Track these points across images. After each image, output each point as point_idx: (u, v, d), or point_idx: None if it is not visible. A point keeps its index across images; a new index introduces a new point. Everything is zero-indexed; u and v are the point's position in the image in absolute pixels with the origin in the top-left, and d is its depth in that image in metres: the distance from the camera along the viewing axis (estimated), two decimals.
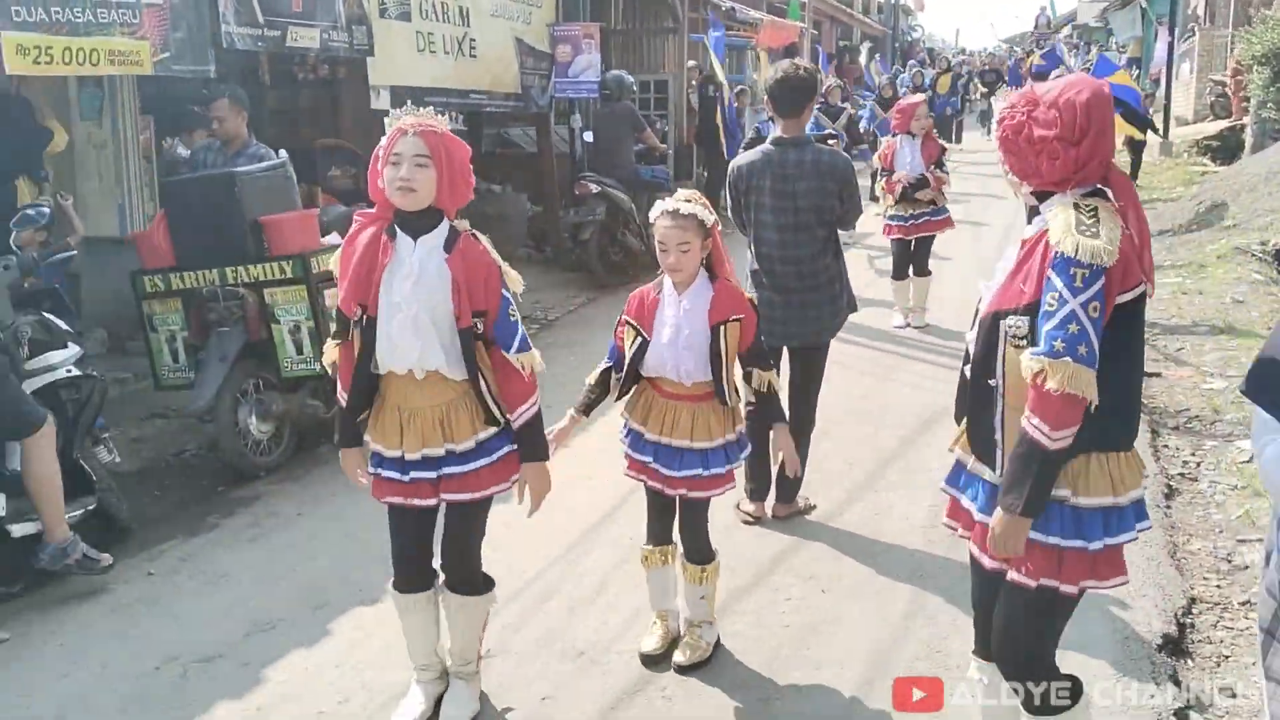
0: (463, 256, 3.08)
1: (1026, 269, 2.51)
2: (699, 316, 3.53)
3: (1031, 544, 2.53)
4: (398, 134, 3.04)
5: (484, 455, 3.20)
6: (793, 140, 4.79)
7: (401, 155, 3.01)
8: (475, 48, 9.57)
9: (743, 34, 19.10)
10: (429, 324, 3.06)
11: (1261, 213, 12.26)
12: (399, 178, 3.00)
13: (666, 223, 3.48)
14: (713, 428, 3.61)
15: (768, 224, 4.76)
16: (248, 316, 5.56)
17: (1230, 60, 21.99)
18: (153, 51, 6.28)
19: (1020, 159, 2.55)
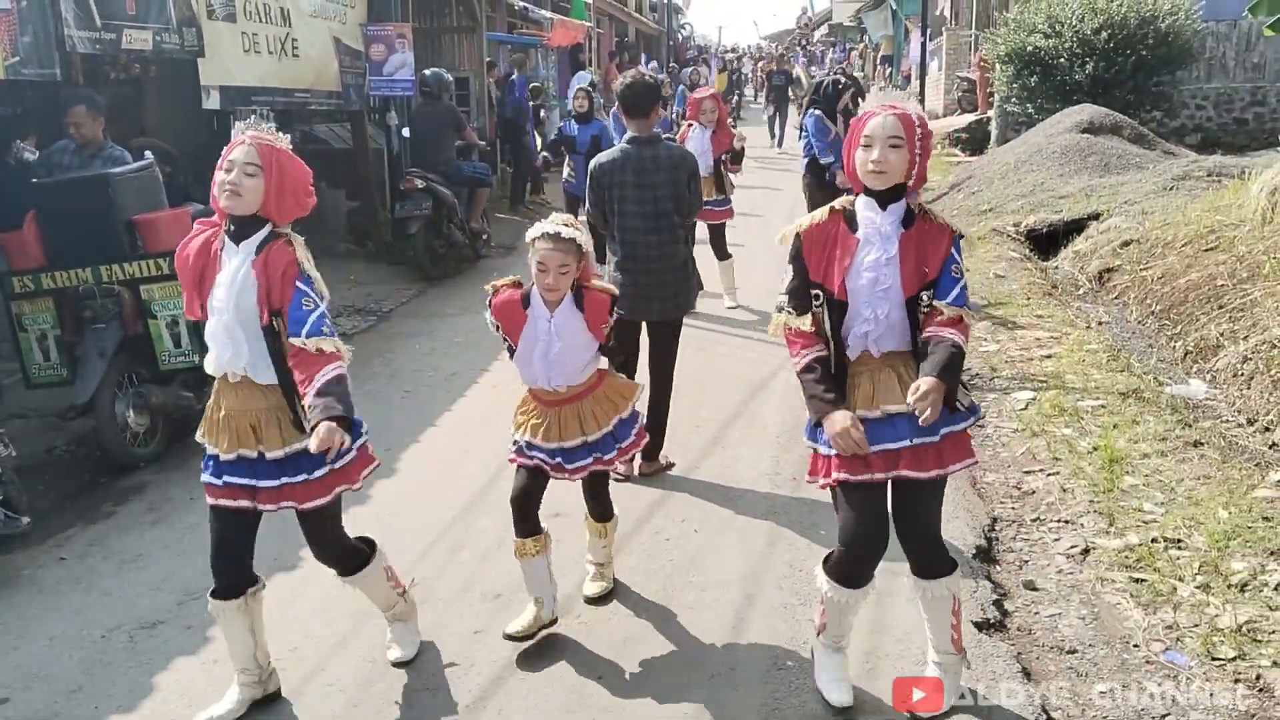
0: (266, 258, 3.22)
1: (920, 255, 3.25)
2: (571, 332, 3.79)
3: (946, 435, 3.34)
4: (236, 143, 3.24)
5: (300, 471, 3.33)
6: (647, 139, 5.45)
7: (234, 162, 3.21)
8: (297, 47, 9.76)
9: (533, 33, 19.61)
10: (238, 328, 3.21)
11: (1013, 197, 13.78)
12: (227, 181, 3.20)
13: (547, 245, 3.65)
14: (599, 417, 3.91)
15: (631, 213, 5.37)
16: (124, 313, 5.74)
17: (975, 57, 24.07)
18: (4, 56, 6.32)
19: (912, 162, 3.24)
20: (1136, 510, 5.04)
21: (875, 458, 3.31)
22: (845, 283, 3.27)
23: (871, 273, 3.26)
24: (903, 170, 3.22)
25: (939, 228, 3.30)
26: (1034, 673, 3.82)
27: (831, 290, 3.28)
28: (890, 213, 3.28)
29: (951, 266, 3.27)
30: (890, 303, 3.25)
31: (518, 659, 3.92)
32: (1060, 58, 17.79)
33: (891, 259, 3.23)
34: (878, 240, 3.27)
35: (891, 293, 3.24)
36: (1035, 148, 15.51)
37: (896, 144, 3.20)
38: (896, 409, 3.28)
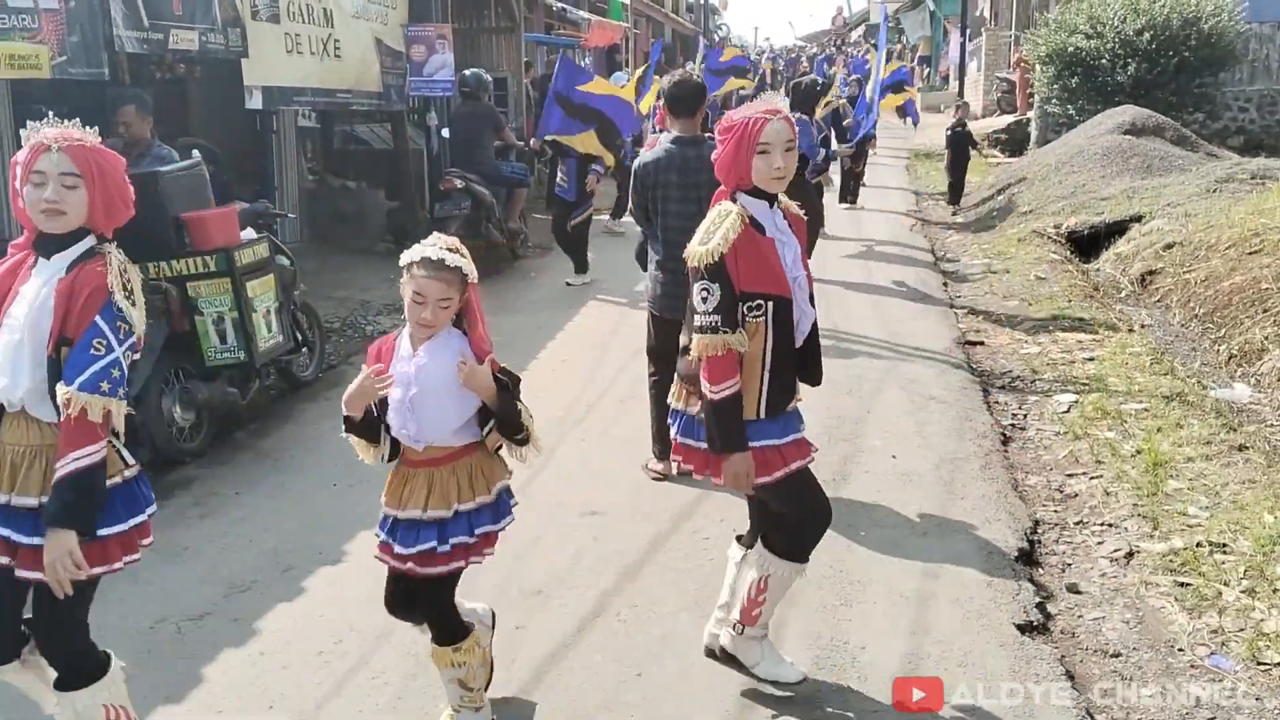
0: (74, 279, 2.74)
1: (802, 245, 3.50)
2: (434, 375, 3.12)
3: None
4: (40, 149, 2.71)
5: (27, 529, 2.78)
6: (691, 138, 5.46)
7: (46, 174, 2.70)
8: (340, 48, 9.85)
9: (570, 33, 19.68)
10: (25, 353, 2.74)
11: (1054, 199, 13.68)
12: (44, 199, 2.70)
13: (424, 273, 3.03)
14: (449, 493, 3.18)
15: (675, 213, 5.38)
16: (171, 309, 5.82)
17: (1015, 58, 23.93)
18: (51, 55, 6.43)
19: (794, 165, 3.37)
20: (1181, 514, 5.00)
21: (791, 447, 3.46)
22: (788, 282, 3.38)
23: (796, 272, 3.41)
24: (793, 171, 3.36)
25: (795, 213, 3.55)
26: (1078, 675, 3.80)
27: (780, 293, 3.34)
28: (775, 210, 3.45)
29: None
30: (806, 295, 3.46)
31: (558, 656, 3.94)
32: (1102, 59, 17.66)
33: (799, 254, 3.45)
34: (785, 238, 3.42)
35: (806, 286, 3.46)
36: (1076, 149, 15.39)
37: (790, 147, 3.32)
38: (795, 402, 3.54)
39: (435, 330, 3.11)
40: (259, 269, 6.07)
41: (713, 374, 3.30)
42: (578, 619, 4.19)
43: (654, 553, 4.75)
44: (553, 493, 5.40)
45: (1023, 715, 3.53)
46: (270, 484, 5.64)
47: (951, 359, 7.72)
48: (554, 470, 5.70)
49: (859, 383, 7.05)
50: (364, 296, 9.72)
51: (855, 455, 5.83)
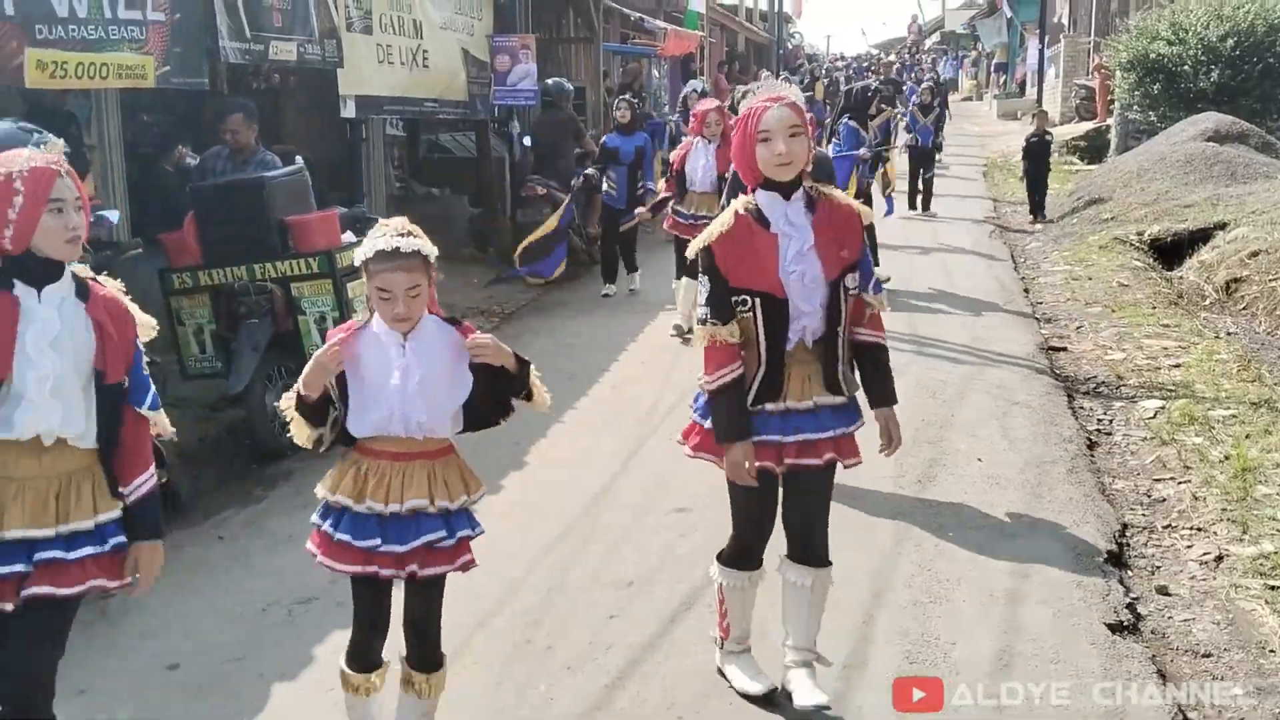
0: (104, 304, 2.77)
1: (836, 238, 3.34)
2: (436, 360, 2.98)
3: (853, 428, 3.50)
4: (52, 175, 2.64)
5: (95, 542, 2.75)
6: None
7: (63, 201, 2.65)
8: (428, 58, 10.11)
9: (646, 43, 19.86)
10: (74, 385, 2.70)
11: (1135, 206, 13.53)
12: (69, 228, 2.66)
13: (386, 266, 2.86)
14: (452, 487, 3.06)
15: None
16: (275, 309, 6.06)
17: (1094, 64, 23.64)
18: (155, 66, 6.72)
19: (809, 147, 3.32)
20: (1271, 519, 4.99)
21: (791, 446, 3.40)
22: (780, 279, 3.29)
23: (798, 266, 3.29)
24: (804, 157, 3.28)
25: (842, 206, 3.41)
26: (1169, 675, 3.83)
27: (769, 291, 3.29)
28: (795, 201, 3.34)
29: (866, 249, 3.45)
30: (820, 291, 3.32)
31: (652, 645, 4.06)
32: (1184, 65, 17.41)
33: (812, 246, 3.30)
34: (794, 232, 3.31)
35: (819, 282, 3.31)
36: (1158, 156, 15.18)
37: (796, 132, 3.24)
38: (826, 401, 3.42)
39: (413, 322, 2.94)
40: (358, 271, 6.27)
41: (708, 364, 3.38)
42: (670, 610, 4.30)
43: None
44: (640, 490, 5.54)
45: (1115, 714, 3.57)
46: None
47: (1035, 364, 7.72)
48: (641, 469, 5.83)
49: (943, 387, 7.09)
50: (449, 300, 9.91)
51: (940, 458, 5.88)
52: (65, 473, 2.74)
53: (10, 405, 2.65)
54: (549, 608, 4.37)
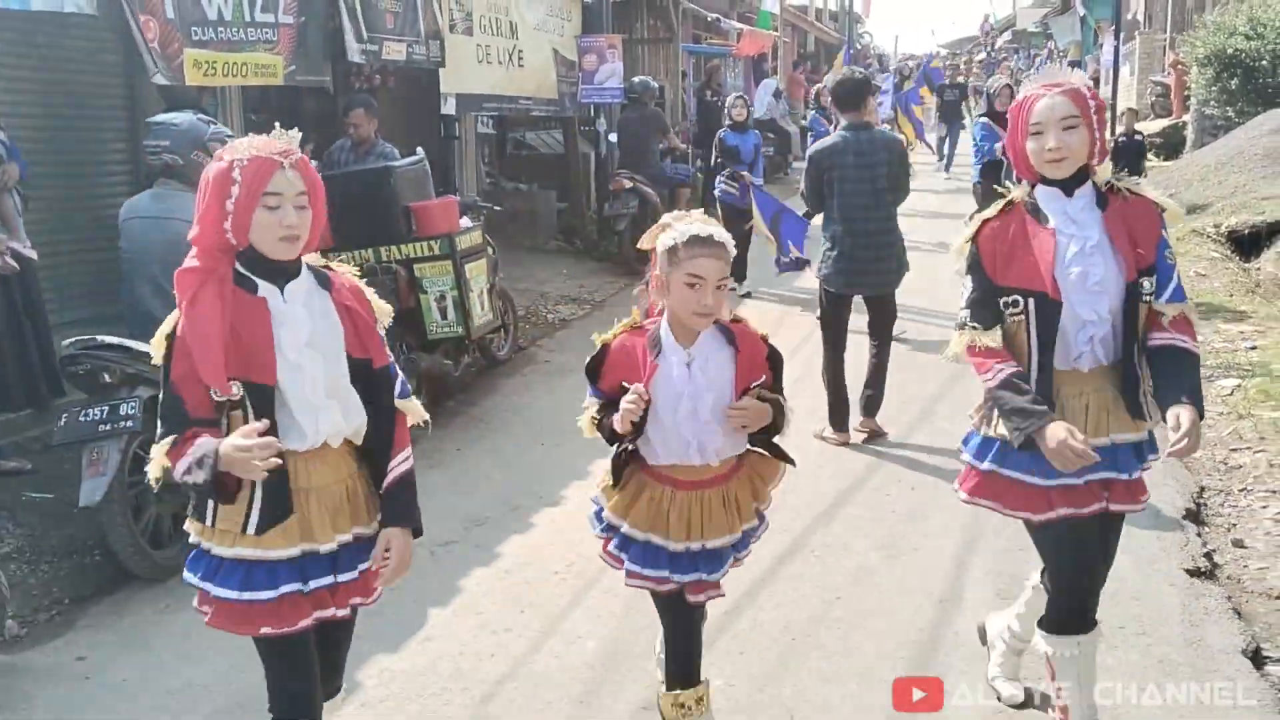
0: (348, 293, 2.66)
1: (1130, 236, 2.89)
2: (721, 378, 2.87)
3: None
4: (271, 167, 2.45)
5: (366, 552, 2.65)
6: (860, 124, 6.06)
7: (281, 196, 2.46)
8: (523, 58, 10.61)
9: (721, 43, 20.26)
10: (342, 380, 2.58)
11: (1213, 199, 13.62)
12: (285, 225, 2.47)
13: (701, 251, 2.74)
14: (743, 507, 2.99)
15: (852, 193, 5.94)
16: (399, 288, 6.54)
17: (1169, 60, 23.54)
18: (284, 65, 7.26)
19: (1093, 139, 2.88)
20: None
21: (1098, 487, 2.95)
22: (1056, 278, 2.88)
23: (1078, 266, 2.88)
24: (1084, 152, 2.88)
25: (1141, 202, 2.95)
26: (1244, 614, 4.14)
27: (1042, 290, 2.88)
28: (1079, 197, 2.94)
29: (1165, 251, 2.93)
30: (1109, 296, 2.88)
31: (765, 581, 4.44)
32: (1262, 60, 17.36)
33: (1096, 245, 2.88)
34: (1073, 229, 2.91)
35: (1108, 284, 2.87)
36: (1236, 149, 15.23)
37: (1071, 125, 2.84)
38: (1126, 437, 2.97)
39: (714, 317, 2.82)
40: (475, 253, 6.77)
41: (979, 367, 3.01)
42: (777, 555, 4.69)
43: (840, 505, 5.23)
44: None
45: (1195, 641, 3.90)
46: (487, 443, 6.33)
47: None
48: None
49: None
50: (542, 289, 10.42)
51: None
52: (351, 474, 2.66)
53: (290, 413, 2.53)
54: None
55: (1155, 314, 2.93)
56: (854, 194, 5.95)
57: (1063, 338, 2.92)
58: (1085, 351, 2.93)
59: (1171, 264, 2.95)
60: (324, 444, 2.57)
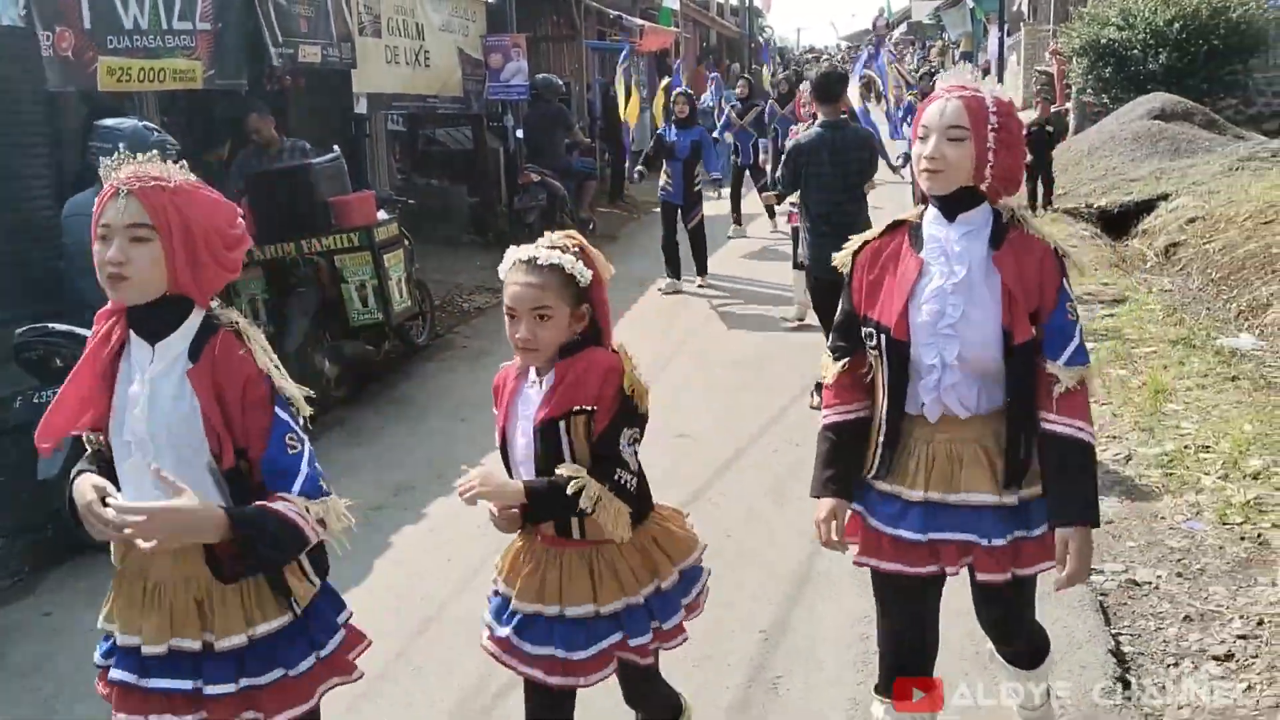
0: (214, 367, 2.16)
1: (1018, 285, 2.52)
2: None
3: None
4: (107, 195, 2.14)
5: (277, 664, 2.26)
6: (836, 122, 6.58)
7: (111, 227, 2.12)
8: (429, 58, 11.01)
9: (623, 39, 20.78)
10: (173, 469, 2.11)
11: (1086, 181, 14.60)
12: (107, 259, 2.11)
13: (515, 279, 2.45)
14: (633, 572, 2.57)
15: (828, 186, 6.43)
16: (321, 279, 6.96)
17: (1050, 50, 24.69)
18: (202, 70, 7.60)
19: (982, 157, 2.53)
20: (1175, 427, 5.96)
21: (948, 549, 2.68)
22: (907, 316, 2.60)
23: (934, 304, 2.57)
24: (967, 170, 2.53)
25: (1035, 242, 2.57)
26: None
27: (887, 326, 2.61)
28: (961, 225, 2.59)
29: (1066, 304, 2.56)
30: (965, 344, 2.55)
31: None
32: (1134, 49, 18.45)
33: (961, 284, 2.55)
34: (942, 261, 2.59)
35: (965, 330, 2.55)
36: (1109, 134, 16.27)
37: (957, 136, 2.51)
38: (984, 500, 2.62)
39: (541, 354, 2.47)
40: (392, 244, 7.21)
41: (825, 395, 2.85)
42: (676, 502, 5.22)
43: (736, 459, 5.81)
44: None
45: None
46: (409, 420, 6.79)
47: None
48: None
49: None
50: (456, 279, 10.86)
51: None
52: (209, 579, 2.22)
53: (123, 483, 2.21)
54: None
55: (1050, 377, 2.55)
56: (828, 188, 6.44)
57: (912, 381, 2.65)
58: (930, 400, 2.62)
59: (1074, 320, 2.57)
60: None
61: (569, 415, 2.46)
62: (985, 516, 2.62)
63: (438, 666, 3.96)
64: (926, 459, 2.67)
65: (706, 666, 3.88)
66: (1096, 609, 4.13)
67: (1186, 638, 3.96)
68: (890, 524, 2.71)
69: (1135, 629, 4.05)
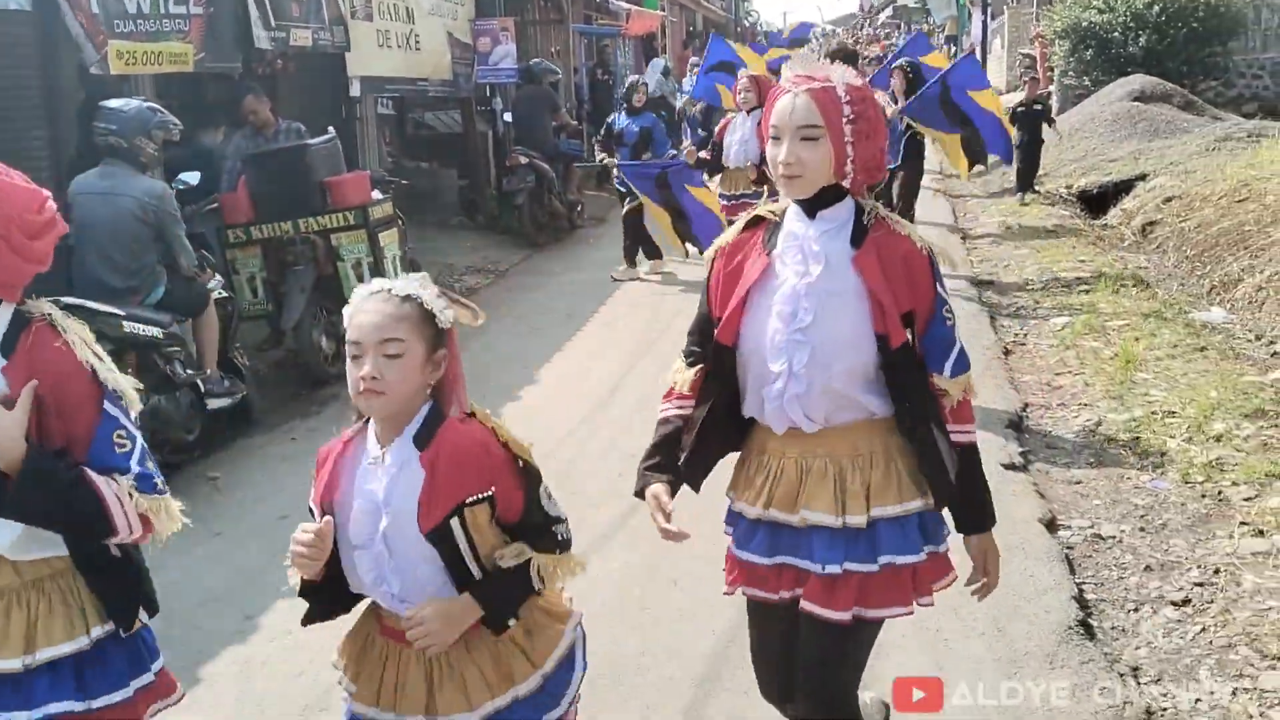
0: (29, 360, 2.03)
1: (886, 287, 2.30)
2: (406, 496, 2.09)
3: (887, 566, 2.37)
4: None
5: (100, 688, 2.12)
6: None
7: None
8: (419, 42, 11.18)
9: (610, 23, 20.92)
10: None
11: (1066, 162, 14.83)
12: None
13: (357, 309, 2.12)
14: (471, 688, 2.15)
15: None
16: (317, 257, 7.13)
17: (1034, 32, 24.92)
18: (194, 53, 7.76)
19: (841, 154, 2.30)
20: (1144, 394, 6.20)
21: (783, 572, 2.45)
22: (739, 320, 2.39)
23: (786, 306, 2.33)
24: (827, 169, 2.30)
25: (901, 240, 2.35)
26: (1046, 495, 5.04)
27: (719, 333, 2.42)
28: (821, 222, 2.37)
29: (943, 309, 2.37)
30: (818, 350, 2.30)
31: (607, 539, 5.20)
32: (1114, 31, 18.69)
33: (815, 286, 2.32)
34: (798, 260, 2.36)
35: (818, 335, 2.30)
36: (1089, 116, 16.50)
37: (811, 135, 2.27)
38: (822, 519, 2.36)
39: (389, 402, 2.08)
40: (387, 223, 7.39)
41: (666, 392, 2.61)
42: None
43: None
44: (635, 393, 6.65)
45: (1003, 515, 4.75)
46: None
47: (965, 295, 8.91)
48: (634, 380, 6.97)
49: None
50: (447, 260, 11.03)
51: None
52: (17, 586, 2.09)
53: None
54: (573, 469, 5.52)
55: (938, 392, 2.39)
56: None
57: (752, 390, 2.41)
58: (772, 410, 2.36)
59: (951, 325, 2.38)
60: None
61: (461, 510, 2.07)
62: (821, 539, 2.37)
63: None
64: (774, 474, 2.43)
65: (685, 624, 4.09)
66: (1062, 560, 4.36)
67: (1146, 585, 4.21)
68: (740, 545, 2.53)
69: (1099, 578, 4.30)
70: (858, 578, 2.36)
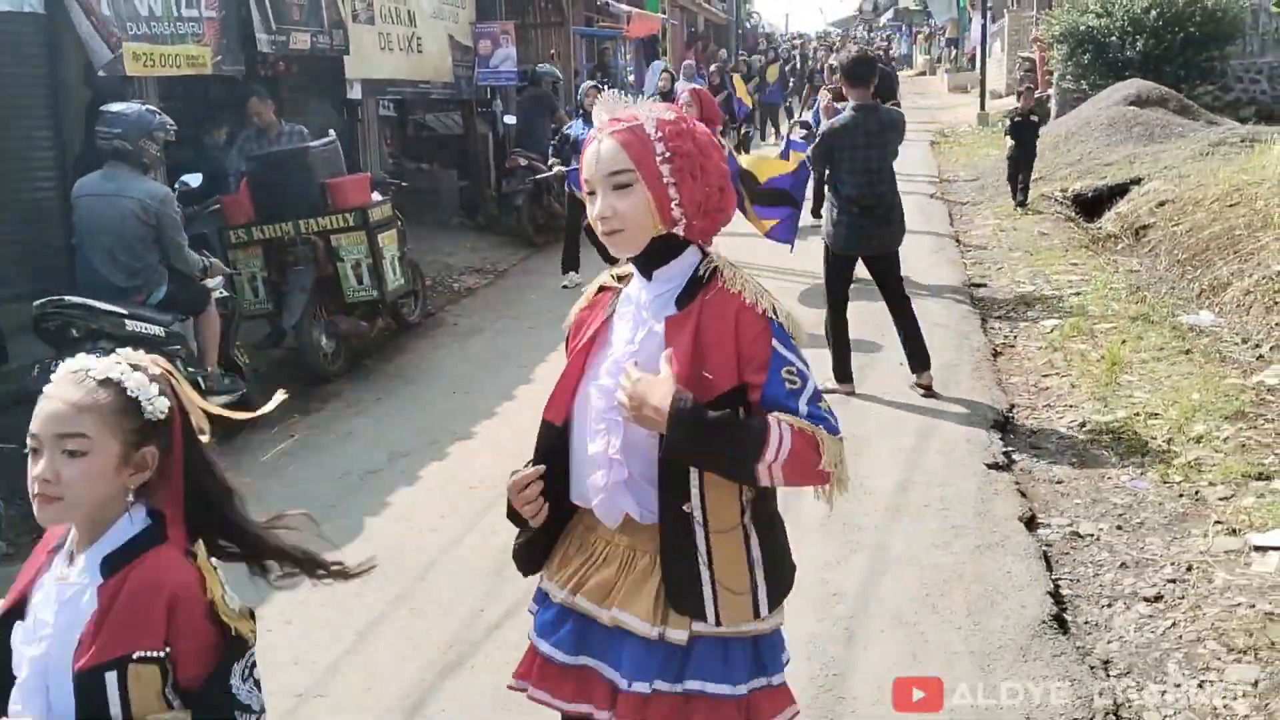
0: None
1: (706, 353, 2.01)
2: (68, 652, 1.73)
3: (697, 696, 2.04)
4: None
5: None
6: (869, 106, 6.69)
7: None
8: (421, 44, 11.31)
9: (611, 26, 21.05)
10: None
11: (1062, 166, 14.93)
12: None
13: (51, 394, 1.75)
14: None
15: (861, 170, 6.56)
16: (318, 257, 7.25)
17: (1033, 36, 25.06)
18: (211, 55, 7.89)
19: (663, 198, 2.03)
20: (1128, 396, 6.32)
21: (587, 680, 2.13)
22: (567, 397, 2.16)
23: (609, 380, 2.06)
24: (648, 219, 2.04)
25: (734, 304, 2.04)
26: (1028, 494, 5.15)
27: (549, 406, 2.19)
28: (659, 282, 2.12)
29: (782, 370, 2.00)
30: (630, 432, 2.02)
31: None
32: (1112, 36, 18.80)
33: (634, 354, 2.07)
34: (630, 329, 2.13)
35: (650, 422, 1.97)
36: (1085, 120, 16.61)
37: (623, 182, 2.02)
38: (635, 625, 2.05)
39: (64, 505, 1.73)
40: (386, 224, 7.51)
41: None
42: None
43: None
44: None
45: (984, 513, 4.88)
46: (404, 392, 7.11)
47: (957, 297, 9.04)
48: None
49: (877, 314, 8.38)
50: (447, 261, 11.16)
51: (872, 363, 7.19)
52: None
53: None
54: None
55: None
56: (863, 170, 6.55)
57: (577, 477, 2.13)
58: (599, 501, 2.06)
59: (795, 388, 2.00)
60: None
61: (124, 663, 1.69)
62: (633, 649, 2.05)
63: (435, 608, 4.29)
64: (595, 558, 2.13)
65: None
66: (1040, 557, 4.48)
67: (1121, 582, 4.32)
68: (541, 633, 2.18)
69: (1075, 575, 4.42)
70: (673, 702, 2.03)
